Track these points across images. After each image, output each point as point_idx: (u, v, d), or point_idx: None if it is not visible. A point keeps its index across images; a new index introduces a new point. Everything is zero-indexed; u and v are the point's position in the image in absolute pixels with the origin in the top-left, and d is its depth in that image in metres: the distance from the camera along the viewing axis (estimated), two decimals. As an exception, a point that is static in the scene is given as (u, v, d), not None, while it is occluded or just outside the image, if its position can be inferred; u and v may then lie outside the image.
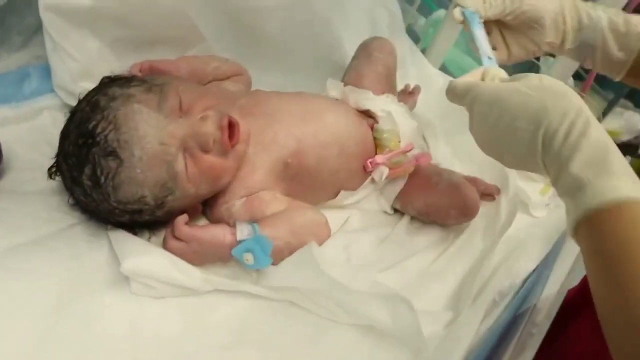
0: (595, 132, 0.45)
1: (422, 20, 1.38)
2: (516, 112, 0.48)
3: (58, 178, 0.61)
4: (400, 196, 0.76)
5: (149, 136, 0.55)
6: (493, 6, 0.65)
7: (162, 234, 0.62)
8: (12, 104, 0.69)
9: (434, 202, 0.75)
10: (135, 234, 0.60)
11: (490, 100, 0.51)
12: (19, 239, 0.56)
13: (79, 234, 0.60)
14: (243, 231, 0.58)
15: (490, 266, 0.71)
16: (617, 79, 0.67)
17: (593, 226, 0.43)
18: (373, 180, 0.75)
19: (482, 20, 0.66)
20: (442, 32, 1.10)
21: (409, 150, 0.74)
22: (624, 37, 0.64)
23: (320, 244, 0.63)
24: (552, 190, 0.94)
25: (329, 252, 0.65)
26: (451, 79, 0.66)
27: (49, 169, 0.60)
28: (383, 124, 0.76)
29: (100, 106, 0.56)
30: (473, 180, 0.82)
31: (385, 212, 0.78)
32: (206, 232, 0.58)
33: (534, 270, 0.74)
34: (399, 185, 0.76)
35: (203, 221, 0.67)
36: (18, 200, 0.61)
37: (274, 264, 0.59)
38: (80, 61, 0.69)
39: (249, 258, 0.57)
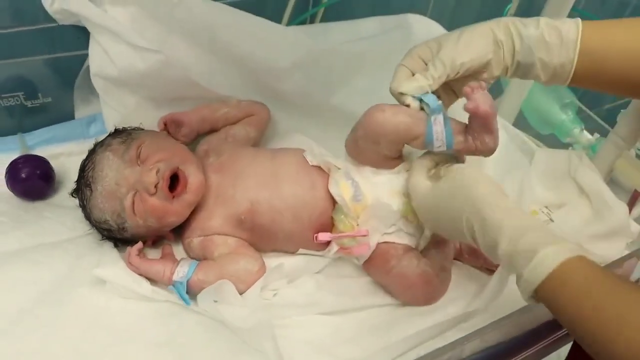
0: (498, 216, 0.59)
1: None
2: (441, 214, 0.67)
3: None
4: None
5: (109, 177, 0.75)
6: (437, 79, 0.68)
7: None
8: (80, 140, 0.95)
9: (387, 285, 0.79)
10: (116, 246, 0.80)
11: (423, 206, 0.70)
12: (45, 239, 0.80)
13: (88, 241, 0.82)
14: (179, 273, 0.74)
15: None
16: (565, 85, 0.69)
17: (539, 298, 0.55)
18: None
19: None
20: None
21: (361, 236, 0.76)
22: (559, 47, 0.65)
23: (246, 288, 0.75)
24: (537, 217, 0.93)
25: (251, 292, 0.75)
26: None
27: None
28: (344, 206, 0.77)
29: (94, 150, 0.79)
30: (474, 252, 0.84)
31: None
32: (150, 267, 0.75)
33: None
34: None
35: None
36: (57, 212, 0.86)
37: None
38: (120, 113, 0.91)
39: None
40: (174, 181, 0.76)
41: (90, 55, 0.87)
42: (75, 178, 0.84)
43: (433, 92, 0.69)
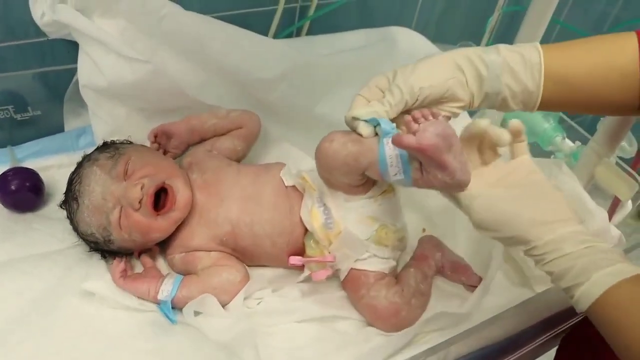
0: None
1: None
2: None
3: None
4: None
5: (96, 192, 0.76)
6: (394, 105, 0.64)
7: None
8: (70, 153, 0.96)
9: (358, 311, 0.80)
10: (104, 257, 0.81)
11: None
12: (34, 250, 0.81)
13: (77, 252, 0.82)
14: (163, 292, 0.75)
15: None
16: (533, 111, 0.68)
17: (591, 314, 0.57)
18: None
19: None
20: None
21: (328, 262, 0.76)
22: (524, 72, 0.64)
23: (230, 299, 0.77)
24: None
25: (234, 303, 0.77)
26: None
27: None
28: (314, 234, 0.78)
29: (82, 164, 0.80)
30: (464, 268, 0.85)
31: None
32: (135, 289, 0.76)
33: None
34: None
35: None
36: (47, 224, 0.86)
37: None
38: (109, 124, 0.93)
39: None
40: (159, 197, 0.78)
41: (80, 66, 0.89)
42: (64, 189, 0.85)
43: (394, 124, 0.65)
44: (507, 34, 1.36)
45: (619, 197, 1.01)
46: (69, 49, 0.89)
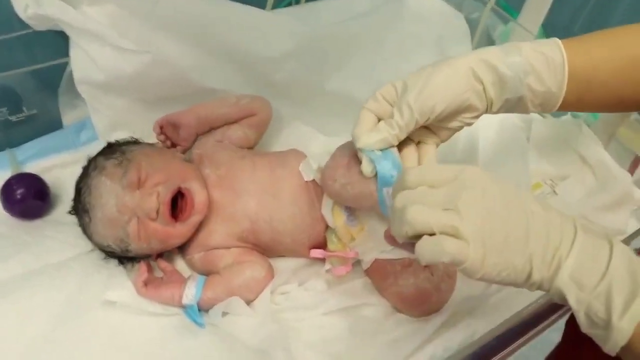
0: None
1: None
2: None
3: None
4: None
5: (109, 204, 0.72)
6: (403, 127, 0.58)
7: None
8: (72, 150, 0.92)
9: (386, 299, 0.78)
10: (121, 263, 0.78)
11: None
12: (49, 259, 0.78)
13: (93, 258, 0.79)
14: (187, 296, 0.73)
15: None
16: (551, 112, 0.62)
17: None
18: None
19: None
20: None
21: (350, 257, 0.75)
22: (548, 73, 0.58)
23: (255, 296, 0.75)
24: (542, 189, 0.92)
25: (261, 300, 0.75)
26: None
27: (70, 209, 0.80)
28: (337, 231, 0.76)
29: (88, 172, 0.76)
30: None
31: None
32: (159, 296, 0.74)
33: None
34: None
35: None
36: (58, 229, 0.83)
37: None
38: (110, 117, 0.88)
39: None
40: (176, 201, 0.75)
41: (73, 61, 0.83)
42: (72, 190, 0.81)
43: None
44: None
45: (640, 155, 0.99)
46: (58, 40, 0.83)
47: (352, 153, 0.64)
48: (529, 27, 1.02)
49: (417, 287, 0.74)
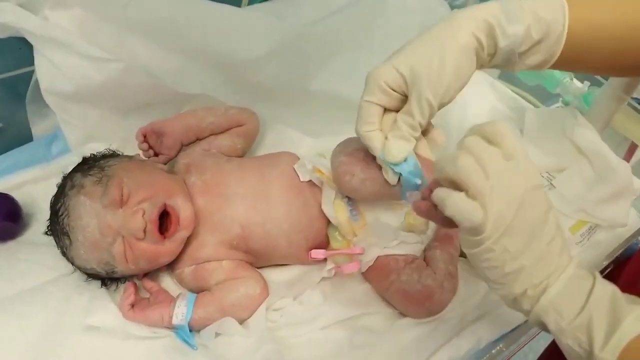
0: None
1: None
2: None
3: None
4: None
5: (90, 226, 0.67)
6: (423, 126, 0.59)
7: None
8: (43, 164, 0.86)
9: (387, 299, 0.75)
10: (105, 284, 0.74)
11: None
12: (24, 284, 0.72)
13: (73, 280, 0.74)
14: (178, 316, 0.68)
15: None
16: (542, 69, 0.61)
17: None
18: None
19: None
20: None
21: (356, 254, 0.72)
22: (545, 43, 0.57)
23: (250, 315, 0.72)
24: (586, 227, 0.86)
25: (256, 318, 0.71)
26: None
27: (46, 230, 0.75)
28: (340, 228, 0.74)
29: (64, 192, 0.70)
30: None
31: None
32: (147, 318, 0.69)
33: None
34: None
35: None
36: (33, 251, 0.77)
37: None
38: (82, 128, 0.83)
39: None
40: (163, 218, 0.70)
41: (38, 71, 0.78)
42: (46, 207, 0.76)
43: None
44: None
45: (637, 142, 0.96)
46: (21, 46, 0.78)
47: (364, 148, 0.63)
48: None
49: (421, 283, 0.71)
